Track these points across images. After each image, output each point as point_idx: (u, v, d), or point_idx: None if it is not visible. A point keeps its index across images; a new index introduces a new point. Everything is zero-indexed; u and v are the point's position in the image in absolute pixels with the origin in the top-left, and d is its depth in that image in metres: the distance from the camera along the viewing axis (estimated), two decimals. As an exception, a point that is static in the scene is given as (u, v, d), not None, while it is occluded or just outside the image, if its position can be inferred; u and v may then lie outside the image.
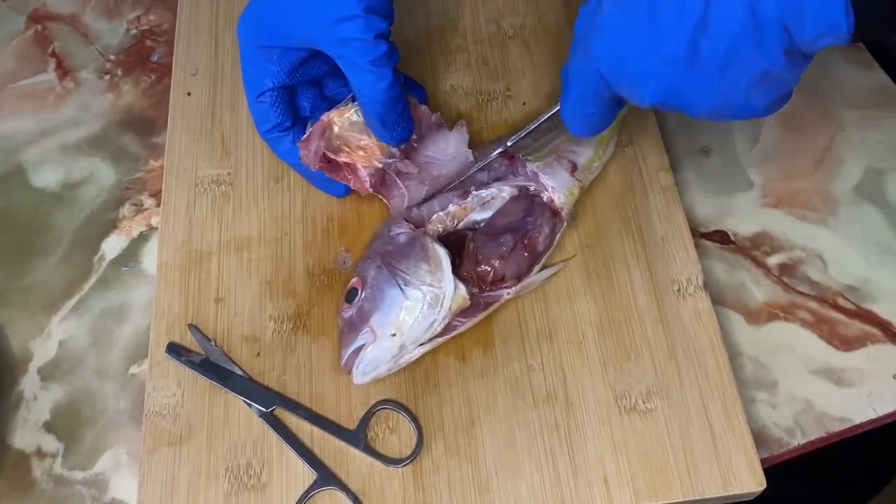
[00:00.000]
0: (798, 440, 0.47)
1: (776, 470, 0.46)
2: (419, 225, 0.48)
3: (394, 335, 0.44)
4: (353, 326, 0.45)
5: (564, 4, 0.61)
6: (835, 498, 0.68)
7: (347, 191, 0.52)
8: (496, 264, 0.47)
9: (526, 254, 0.48)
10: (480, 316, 0.47)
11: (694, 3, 0.36)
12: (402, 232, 0.48)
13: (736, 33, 0.36)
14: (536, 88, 0.57)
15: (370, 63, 0.45)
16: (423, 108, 0.53)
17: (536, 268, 0.49)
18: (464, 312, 0.46)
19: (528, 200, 0.50)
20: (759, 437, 0.46)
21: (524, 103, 0.57)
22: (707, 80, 0.38)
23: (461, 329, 0.47)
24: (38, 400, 0.50)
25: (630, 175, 0.53)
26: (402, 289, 0.45)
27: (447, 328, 0.46)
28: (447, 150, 0.52)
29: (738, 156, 0.56)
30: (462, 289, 0.46)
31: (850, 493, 0.67)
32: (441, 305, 0.45)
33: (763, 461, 0.45)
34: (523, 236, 0.48)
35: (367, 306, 0.45)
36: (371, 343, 0.45)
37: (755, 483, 0.44)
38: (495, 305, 0.47)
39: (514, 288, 0.47)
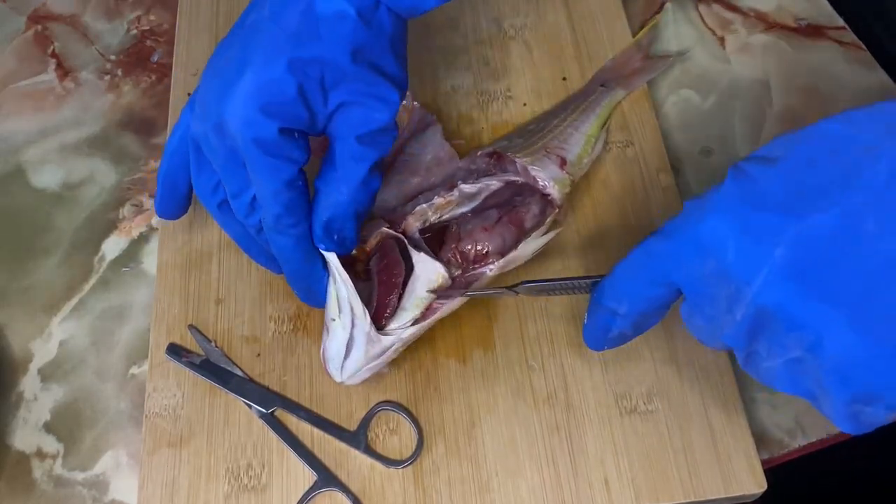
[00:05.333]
0: (799, 441, 0.47)
1: (777, 471, 0.46)
2: (395, 222, 0.47)
3: (333, 320, 0.44)
4: (324, 328, 0.45)
5: (565, 4, 0.61)
6: (836, 499, 0.68)
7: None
8: (479, 236, 0.46)
9: (512, 227, 0.47)
10: (463, 295, 0.45)
11: None
12: None
13: None
14: (537, 89, 0.57)
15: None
16: (415, 104, 0.53)
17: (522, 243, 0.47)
18: (444, 293, 0.45)
19: (518, 186, 0.49)
20: (760, 438, 0.46)
21: (525, 104, 0.57)
22: (861, 285, 0.28)
23: (443, 310, 0.45)
24: (38, 400, 0.50)
25: (630, 175, 0.53)
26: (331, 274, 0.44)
27: (428, 311, 0.44)
28: (426, 143, 0.52)
29: (739, 156, 0.56)
30: (440, 268, 0.44)
31: (851, 494, 0.67)
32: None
33: (764, 462, 0.45)
34: (509, 211, 0.47)
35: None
36: (326, 339, 0.44)
37: (756, 484, 0.44)
38: (478, 284, 0.46)
39: (497, 263, 0.46)
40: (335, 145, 0.41)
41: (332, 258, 0.43)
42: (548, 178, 0.48)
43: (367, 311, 0.43)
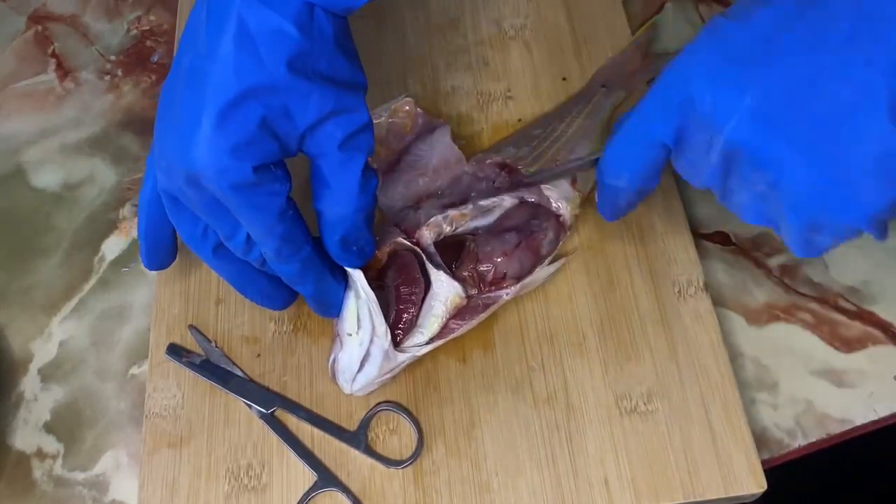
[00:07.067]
0: (799, 441, 0.47)
1: (777, 471, 0.46)
2: (411, 231, 0.48)
3: (350, 335, 0.44)
4: (334, 338, 0.46)
5: (565, 4, 0.61)
6: (836, 499, 0.68)
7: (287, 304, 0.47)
8: (498, 261, 0.47)
9: (529, 253, 0.48)
10: (479, 318, 0.47)
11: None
12: None
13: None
14: (537, 89, 0.57)
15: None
16: (419, 110, 0.53)
17: (537, 269, 0.49)
18: (461, 315, 0.46)
19: (534, 206, 0.49)
20: (760, 439, 0.46)
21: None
22: (814, 130, 0.33)
23: (459, 332, 0.46)
24: (38, 401, 0.50)
25: (631, 176, 0.53)
26: (352, 288, 0.45)
27: (444, 331, 0.46)
28: (434, 145, 0.52)
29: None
30: (459, 288, 0.45)
31: (851, 494, 0.67)
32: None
33: (764, 462, 0.45)
34: (528, 236, 0.48)
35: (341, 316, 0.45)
36: (339, 351, 0.45)
37: (756, 484, 0.44)
38: (494, 307, 0.47)
39: (513, 288, 0.47)
40: (319, 163, 0.40)
41: (358, 276, 0.43)
42: (560, 199, 0.49)
43: (388, 331, 0.43)
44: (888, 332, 0.49)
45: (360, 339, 0.44)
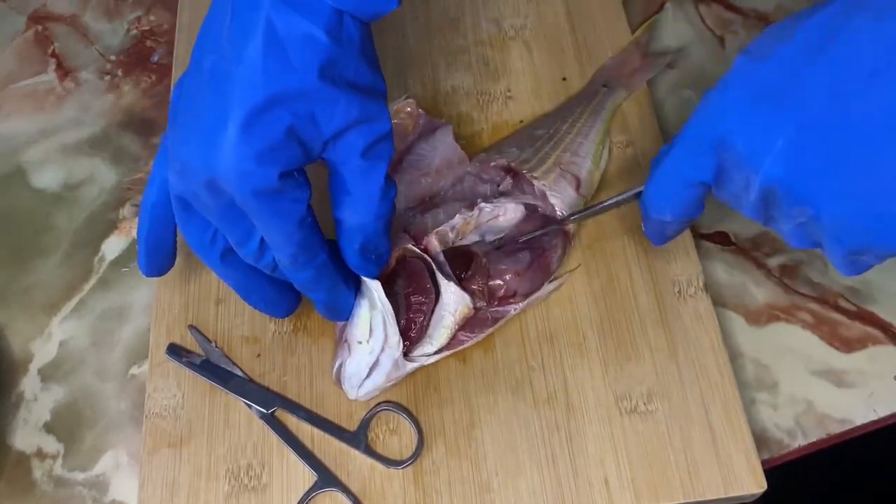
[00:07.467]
0: (799, 441, 0.47)
1: (777, 471, 0.46)
2: (419, 237, 0.48)
3: (360, 343, 0.44)
4: (338, 343, 0.46)
5: (565, 4, 0.61)
6: (836, 499, 0.68)
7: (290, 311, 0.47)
8: (509, 279, 0.47)
9: (541, 273, 0.48)
10: (487, 331, 0.47)
11: None
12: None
13: None
14: (537, 89, 0.57)
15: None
16: (420, 111, 0.53)
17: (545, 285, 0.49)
18: (470, 327, 0.46)
19: (542, 219, 0.49)
20: (760, 439, 0.46)
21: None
22: (848, 164, 0.33)
23: (468, 344, 0.46)
24: (38, 401, 0.50)
25: (630, 176, 0.53)
26: (365, 296, 0.45)
27: (453, 342, 0.46)
28: (436, 145, 0.52)
29: (739, 156, 0.56)
30: (468, 300, 0.46)
31: (851, 494, 0.67)
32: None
33: (764, 462, 0.45)
34: (540, 255, 0.48)
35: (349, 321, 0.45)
36: (346, 357, 0.45)
37: (756, 485, 0.44)
38: (502, 321, 0.47)
39: (522, 303, 0.47)
40: (341, 170, 0.39)
41: (376, 287, 0.43)
42: (565, 206, 0.49)
43: (401, 342, 0.44)
44: (888, 332, 0.49)
45: (370, 347, 0.44)
